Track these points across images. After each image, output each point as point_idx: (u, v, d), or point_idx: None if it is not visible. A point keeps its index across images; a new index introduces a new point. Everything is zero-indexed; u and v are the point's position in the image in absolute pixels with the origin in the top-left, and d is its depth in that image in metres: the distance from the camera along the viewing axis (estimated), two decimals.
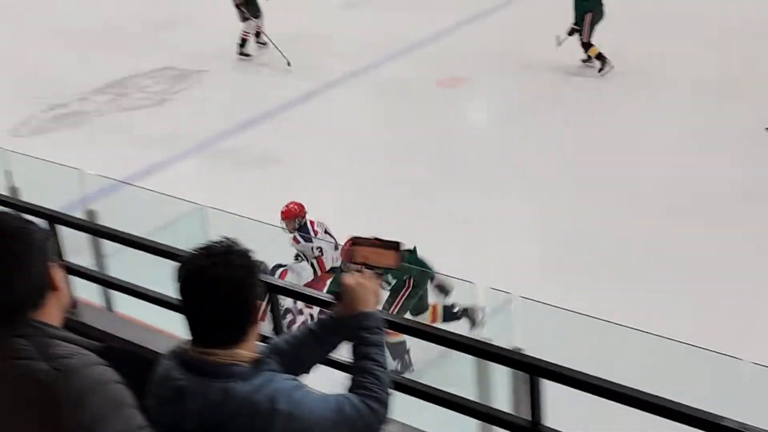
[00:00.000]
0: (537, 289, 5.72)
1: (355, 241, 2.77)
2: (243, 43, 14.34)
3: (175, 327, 2.66)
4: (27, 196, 7.25)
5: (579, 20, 12.48)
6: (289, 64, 13.54)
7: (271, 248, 7.51)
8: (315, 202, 8.39)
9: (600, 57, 12.56)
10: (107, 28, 16.07)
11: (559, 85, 12.56)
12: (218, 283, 2.23)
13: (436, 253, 7.40)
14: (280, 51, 13.66)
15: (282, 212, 7.98)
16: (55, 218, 4.38)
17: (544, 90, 12.41)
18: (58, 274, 2.17)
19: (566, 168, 10.17)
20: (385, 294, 7.01)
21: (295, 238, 7.95)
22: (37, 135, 12.12)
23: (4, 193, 7.00)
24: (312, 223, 8.04)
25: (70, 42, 15.45)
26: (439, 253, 7.47)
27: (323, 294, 3.07)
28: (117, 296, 5.35)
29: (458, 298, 7.41)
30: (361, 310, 2.57)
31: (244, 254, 2.30)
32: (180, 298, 2.27)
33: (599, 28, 12.45)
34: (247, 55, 14.37)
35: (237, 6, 14.18)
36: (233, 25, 14.58)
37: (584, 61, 12.80)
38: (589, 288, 7.73)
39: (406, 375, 6.44)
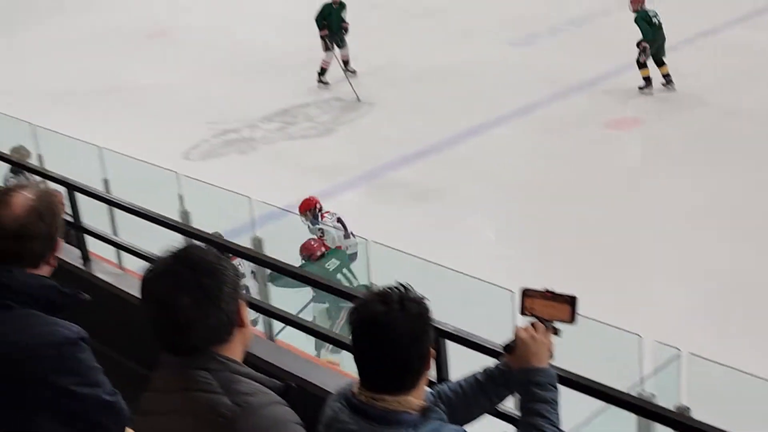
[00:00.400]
0: (694, 341, 5.46)
1: (526, 293, 2.63)
2: (322, 71, 14.88)
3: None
4: (197, 221, 7.41)
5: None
6: (359, 99, 13.82)
7: (437, 288, 7.41)
8: (476, 239, 8.29)
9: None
10: (274, 59, 16.35)
11: (731, 128, 12.05)
12: (393, 331, 2.20)
13: (592, 294, 7.14)
14: (351, 85, 14.04)
15: (298, 207, 8.93)
16: (223, 246, 4.39)
17: (713, 132, 11.93)
18: (244, 311, 2.17)
19: (731, 214, 9.75)
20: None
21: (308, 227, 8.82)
22: (207, 159, 12.49)
23: (176, 217, 7.17)
24: (323, 214, 8.91)
25: (242, 71, 15.88)
26: (595, 292, 7.23)
27: (494, 343, 2.91)
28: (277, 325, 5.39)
29: (621, 350, 7.12)
30: (534, 365, 2.50)
31: (419, 302, 2.28)
32: (352, 341, 2.26)
33: None
34: (325, 83, 14.85)
35: (321, 37, 14.61)
36: (399, 60, 14.68)
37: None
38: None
39: None
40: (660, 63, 13.32)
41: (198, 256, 2.14)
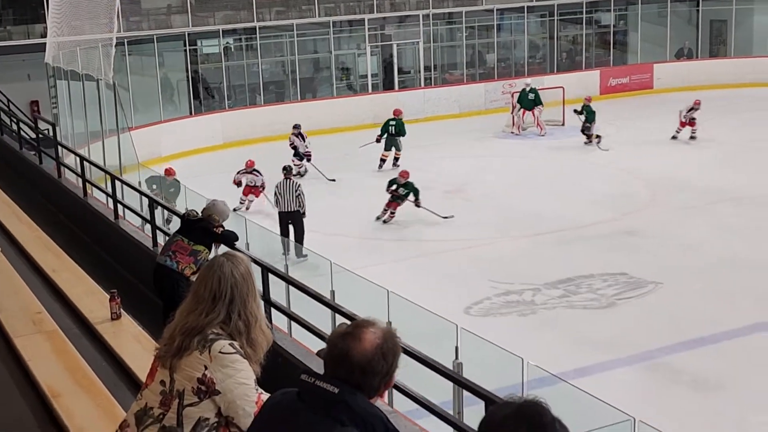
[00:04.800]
0: None
1: None
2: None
3: None
4: (467, 373, 7.65)
5: None
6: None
7: None
8: None
9: None
10: (573, 227, 16.74)
11: None
12: None
13: None
14: None
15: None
16: None
17: None
18: None
19: None
20: None
21: None
22: (486, 317, 12.78)
23: (450, 366, 7.46)
24: None
25: (533, 235, 16.35)
26: None
27: None
28: None
29: None
30: None
31: None
32: None
33: None
34: None
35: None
36: (698, 242, 14.44)
37: None
38: None
39: None
40: None
41: (547, 419, 2.20)
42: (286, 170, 16.60)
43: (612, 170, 21.12)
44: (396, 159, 22.10)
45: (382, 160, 22.10)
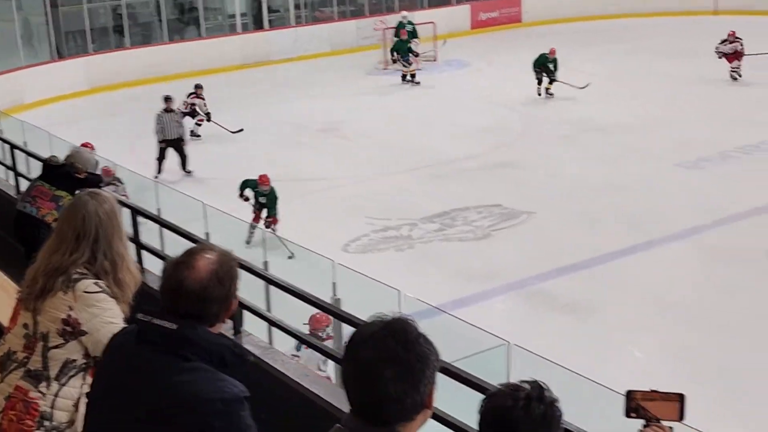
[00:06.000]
0: None
1: (631, 395, 2.57)
2: None
3: None
4: (346, 307, 7.64)
5: None
6: (290, 257, 11.69)
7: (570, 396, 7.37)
8: (626, 359, 8.17)
9: None
10: (446, 161, 16.91)
11: None
12: (516, 427, 2.20)
13: None
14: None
15: None
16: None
17: None
18: (433, 394, 2.22)
19: None
20: None
21: None
22: (364, 253, 12.80)
23: (329, 301, 7.44)
24: None
25: (409, 171, 16.44)
26: None
27: None
28: None
29: None
30: None
31: (548, 404, 2.25)
32: (479, 430, 2.27)
33: None
34: None
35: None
36: (569, 170, 14.77)
37: None
38: None
39: None
40: None
41: (412, 335, 2.19)
42: (167, 101, 16.70)
43: (484, 104, 21.34)
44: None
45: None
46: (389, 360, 2.14)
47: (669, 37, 27.73)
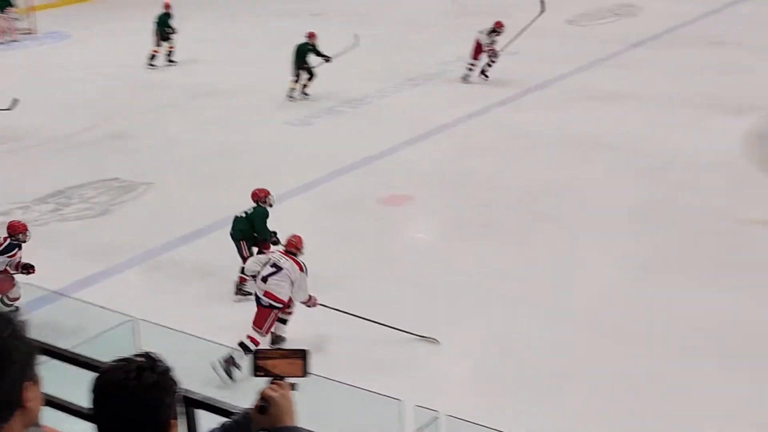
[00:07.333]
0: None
1: (257, 354, 2.70)
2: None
3: None
4: None
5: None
6: None
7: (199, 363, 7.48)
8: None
9: None
10: (55, 137, 16.21)
11: (497, 208, 12.82)
12: (125, 400, 2.21)
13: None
14: None
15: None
16: None
17: (483, 212, 12.65)
18: (32, 394, 2.07)
19: (508, 290, 10.36)
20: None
21: None
22: None
23: None
24: None
25: (12, 152, 15.57)
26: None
27: (245, 409, 2.98)
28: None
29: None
30: (287, 423, 2.57)
31: (160, 372, 2.27)
32: (93, 407, 2.25)
33: None
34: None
35: None
36: (183, 137, 14.74)
37: None
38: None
39: None
40: None
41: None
42: None
43: (90, 74, 20.59)
44: None
45: None
46: None
47: None
